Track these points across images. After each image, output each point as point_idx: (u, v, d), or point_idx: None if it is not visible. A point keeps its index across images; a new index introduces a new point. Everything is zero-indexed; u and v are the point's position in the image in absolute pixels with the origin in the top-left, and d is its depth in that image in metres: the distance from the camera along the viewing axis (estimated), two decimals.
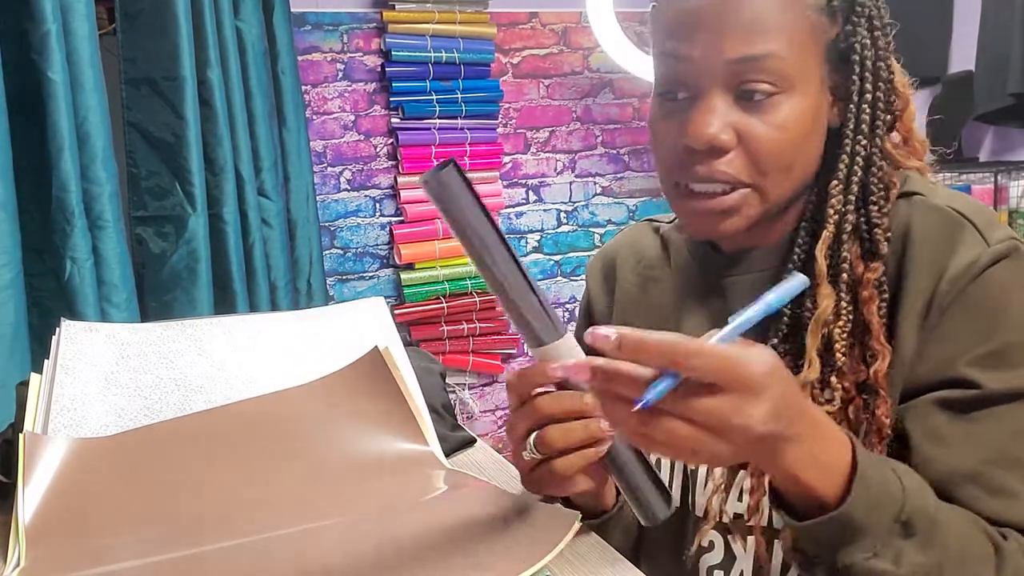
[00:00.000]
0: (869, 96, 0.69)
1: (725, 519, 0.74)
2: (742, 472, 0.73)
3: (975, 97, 2.38)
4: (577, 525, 0.64)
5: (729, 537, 0.75)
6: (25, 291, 1.48)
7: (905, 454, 0.65)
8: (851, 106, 0.69)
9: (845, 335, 0.67)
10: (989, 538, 0.60)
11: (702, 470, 0.77)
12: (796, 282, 0.54)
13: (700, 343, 0.49)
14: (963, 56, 2.49)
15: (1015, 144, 2.48)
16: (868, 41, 0.69)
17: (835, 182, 0.69)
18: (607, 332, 0.49)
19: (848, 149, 0.70)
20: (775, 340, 0.70)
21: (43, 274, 1.57)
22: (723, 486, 0.74)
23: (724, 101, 0.67)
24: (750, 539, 0.73)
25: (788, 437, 0.52)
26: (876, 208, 0.69)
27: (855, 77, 0.69)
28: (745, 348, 0.50)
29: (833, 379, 0.67)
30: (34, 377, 0.76)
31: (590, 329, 0.50)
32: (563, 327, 0.58)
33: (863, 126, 0.69)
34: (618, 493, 0.73)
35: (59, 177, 1.53)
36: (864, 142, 0.69)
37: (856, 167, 0.69)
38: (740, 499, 0.73)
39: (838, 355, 0.67)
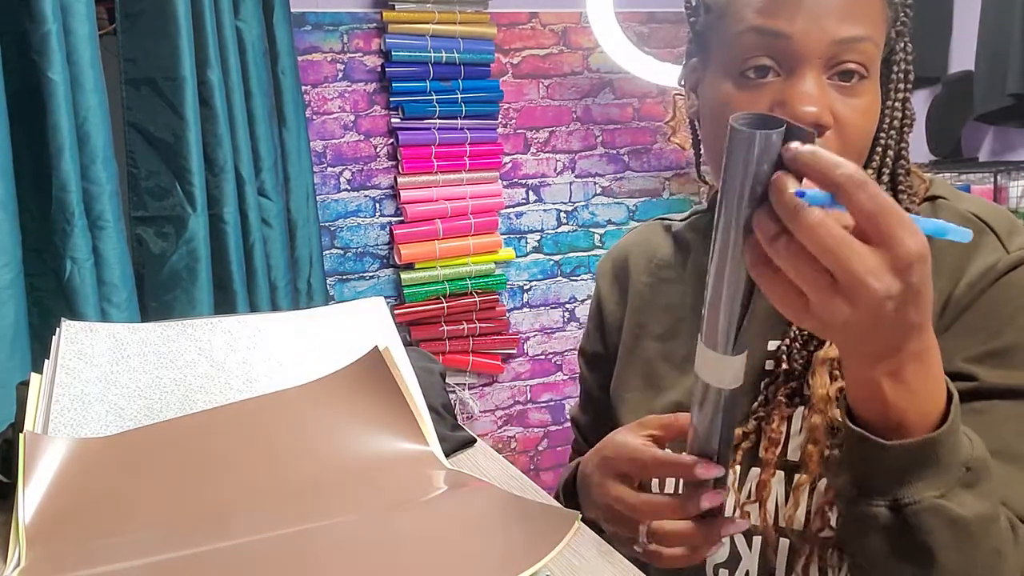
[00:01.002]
0: (902, 96, 0.73)
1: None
2: (751, 471, 0.74)
3: (975, 97, 2.38)
4: (577, 525, 0.64)
5: (735, 537, 0.75)
6: (25, 291, 1.48)
7: None
8: (888, 102, 0.72)
9: None
10: (1006, 514, 0.61)
11: None
12: (965, 233, 0.47)
13: (874, 184, 0.45)
14: (963, 56, 2.50)
15: (1015, 144, 2.48)
16: (907, 45, 0.72)
17: (870, 171, 0.72)
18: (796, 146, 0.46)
19: (883, 142, 0.72)
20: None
21: (43, 274, 1.57)
22: (733, 483, 0.74)
23: (822, 81, 0.67)
24: (755, 539, 0.73)
25: (905, 338, 0.50)
26: (906, 196, 0.72)
27: (893, 76, 0.72)
28: (911, 221, 0.46)
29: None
30: (34, 377, 0.76)
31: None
32: (741, 349, 0.56)
33: (895, 122, 0.72)
34: None
35: (59, 177, 1.53)
36: (896, 136, 0.72)
37: (888, 159, 0.72)
38: (748, 498, 0.73)
39: None
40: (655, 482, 0.80)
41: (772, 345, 0.76)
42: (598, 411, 0.92)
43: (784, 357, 0.73)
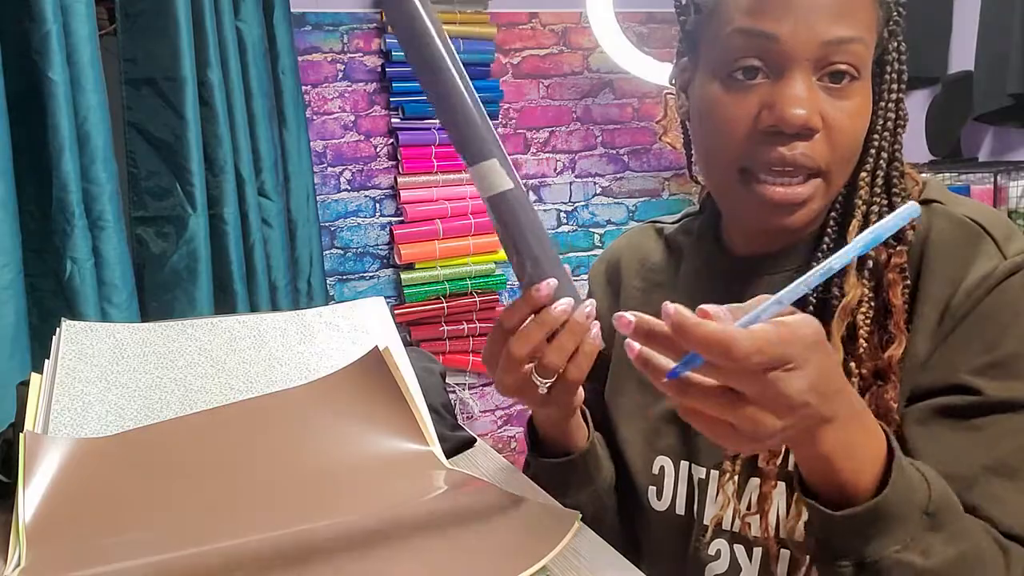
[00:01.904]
0: (895, 96, 0.71)
1: (734, 528, 0.74)
2: (751, 481, 0.73)
3: (974, 97, 2.38)
4: (577, 525, 0.64)
5: (735, 547, 0.74)
6: (25, 291, 1.49)
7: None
8: (881, 104, 0.71)
9: (868, 321, 0.67)
10: (994, 539, 0.60)
11: (712, 477, 0.76)
12: (910, 209, 0.49)
13: (731, 337, 0.45)
14: (963, 56, 2.49)
15: (1015, 144, 2.48)
16: (901, 45, 0.71)
17: (864, 173, 0.71)
18: (631, 318, 0.49)
19: (876, 143, 0.71)
20: None
21: (43, 274, 1.57)
22: (733, 494, 0.73)
23: (810, 83, 0.66)
24: (756, 550, 0.72)
25: (827, 417, 0.51)
26: (900, 199, 0.71)
27: (887, 77, 0.71)
28: (785, 324, 0.48)
29: (852, 365, 0.67)
30: (34, 377, 0.76)
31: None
32: (498, 146, 0.62)
33: (889, 123, 0.71)
34: (588, 435, 0.78)
35: (59, 177, 1.53)
36: (889, 138, 0.71)
37: (882, 161, 0.71)
38: (749, 508, 0.73)
39: (860, 340, 0.67)
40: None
41: None
42: (591, 414, 0.91)
43: None
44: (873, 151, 0.71)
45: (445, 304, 2.76)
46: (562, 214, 2.99)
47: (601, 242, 3.04)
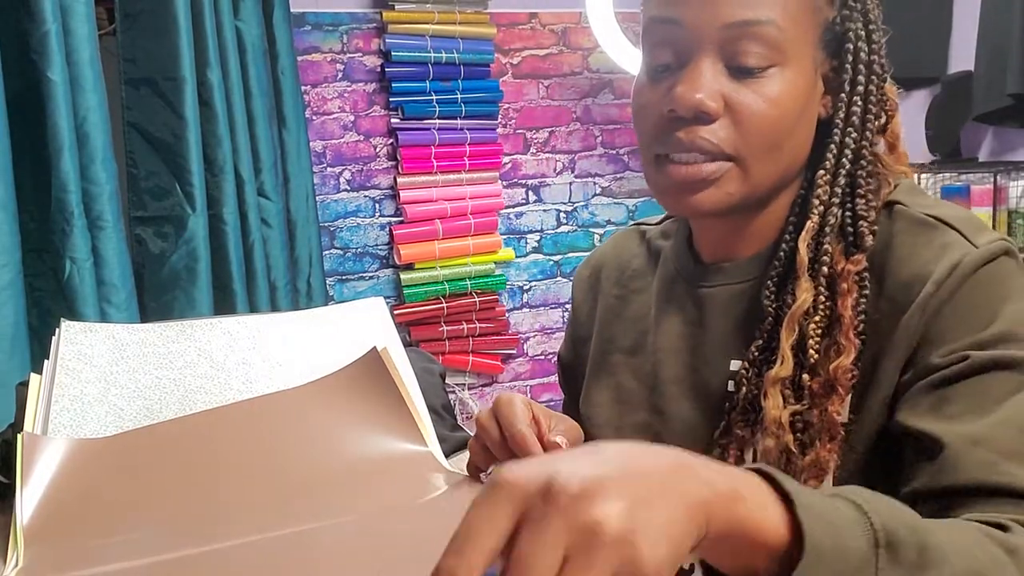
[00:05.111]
0: (861, 88, 0.68)
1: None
2: None
3: (974, 97, 2.38)
4: None
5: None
6: (25, 291, 1.49)
7: (888, 468, 0.61)
8: (842, 95, 0.68)
9: (820, 330, 0.65)
10: (997, 542, 0.50)
11: None
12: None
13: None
14: (963, 56, 2.49)
15: (1015, 144, 2.48)
16: (863, 32, 0.68)
17: (822, 172, 0.68)
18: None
19: (837, 139, 0.68)
20: (760, 339, 0.68)
21: (43, 274, 1.57)
22: None
23: (715, 68, 0.65)
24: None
25: (671, 520, 0.36)
26: (863, 201, 0.67)
27: (848, 66, 0.67)
28: (549, 462, 0.37)
29: (805, 376, 0.65)
30: (34, 377, 0.76)
31: None
32: None
33: (854, 118, 0.68)
34: None
35: (59, 177, 1.53)
36: (854, 135, 0.68)
37: (844, 159, 0.67)
38: None
39: (810, 351, 0.64)
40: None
41: (734, 365, 0.71)
42: (574, 418, 0.90)
43: (743, 381, 0.69)
44: (834, 147, 0.68)
45: (445, 304, 2.76)
46: (562, 214, 2.99)
47: (601, 242, 3.03)
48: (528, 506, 0.36)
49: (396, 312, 2.68)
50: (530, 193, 2.94)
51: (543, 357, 3.01)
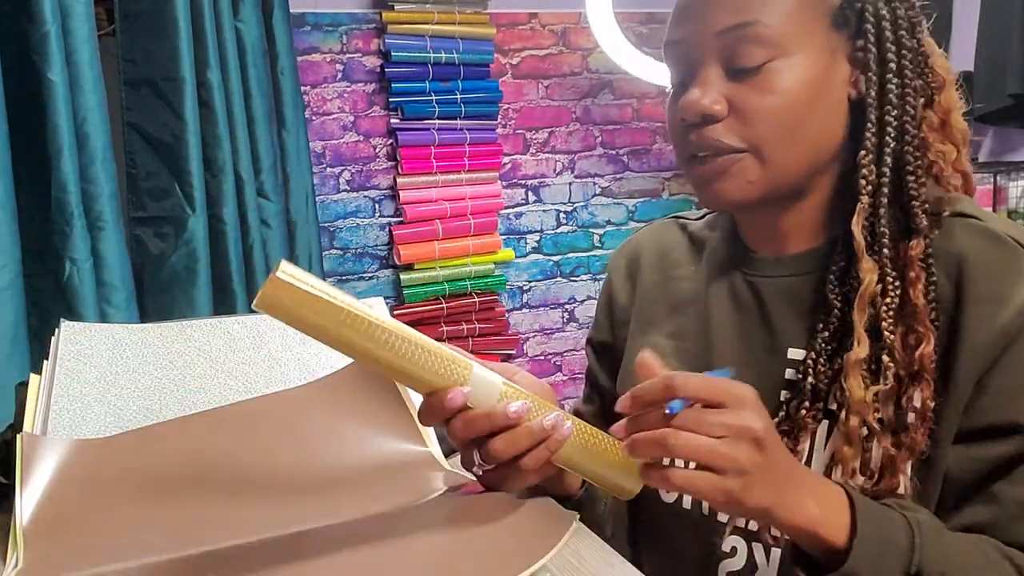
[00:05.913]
0: (893, 65, 0.68)
1: (751, 526, 0.73)
2: None
3: (974, 98, 2.38)
4: (575, 525, 0.64)
5: (753, 545, 0.73)
6: (24, 292, 1.48)
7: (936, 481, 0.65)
8: (871, 74, 0.69)
9: (892, 312, 0.66)
10: (1007, 558, 0.59)
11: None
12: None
13: (689, 374, 0.56)
14: (963, 56, 2.50)
15: (1015, 144, 2.48)
16: (884, 9, 0.69)
17: (863, 152, 0.68)
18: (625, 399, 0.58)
19: (873, 117, 0.68)
20: (821, 322, 0.70)
21: (42, 275, 1.57)
22: None
23: (716, 74, 0.70)
24: (774, 551, 0.71)
25: (786, 474, 0.58)
26: (913, 179, 0.67)
27: (871, 45, 0.68)
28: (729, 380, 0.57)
29: (885, 358, 0.65)
30: (33, 378, 0.76)
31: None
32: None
33: (890, 95, 0.68)
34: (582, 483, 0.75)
35: (58, 178, 1.53)
36: (894, 112, 0.68)
37: (887, 137, 0.68)
38: None
39: (886, 332, 0.65)
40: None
41: (794, 354, 0.73)
42: (605, 400, 0.91)
43: (810, 369, 0.70)
44: (872, 125, 0.68)
45: (445, 305, 2.76)
46: (562, 214, 2.99)
47: (600, 242, 3.04)
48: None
49: (396, 312, 2.68)
50: (530, 193, 2.94)
51: (543, 357, 3.01)
